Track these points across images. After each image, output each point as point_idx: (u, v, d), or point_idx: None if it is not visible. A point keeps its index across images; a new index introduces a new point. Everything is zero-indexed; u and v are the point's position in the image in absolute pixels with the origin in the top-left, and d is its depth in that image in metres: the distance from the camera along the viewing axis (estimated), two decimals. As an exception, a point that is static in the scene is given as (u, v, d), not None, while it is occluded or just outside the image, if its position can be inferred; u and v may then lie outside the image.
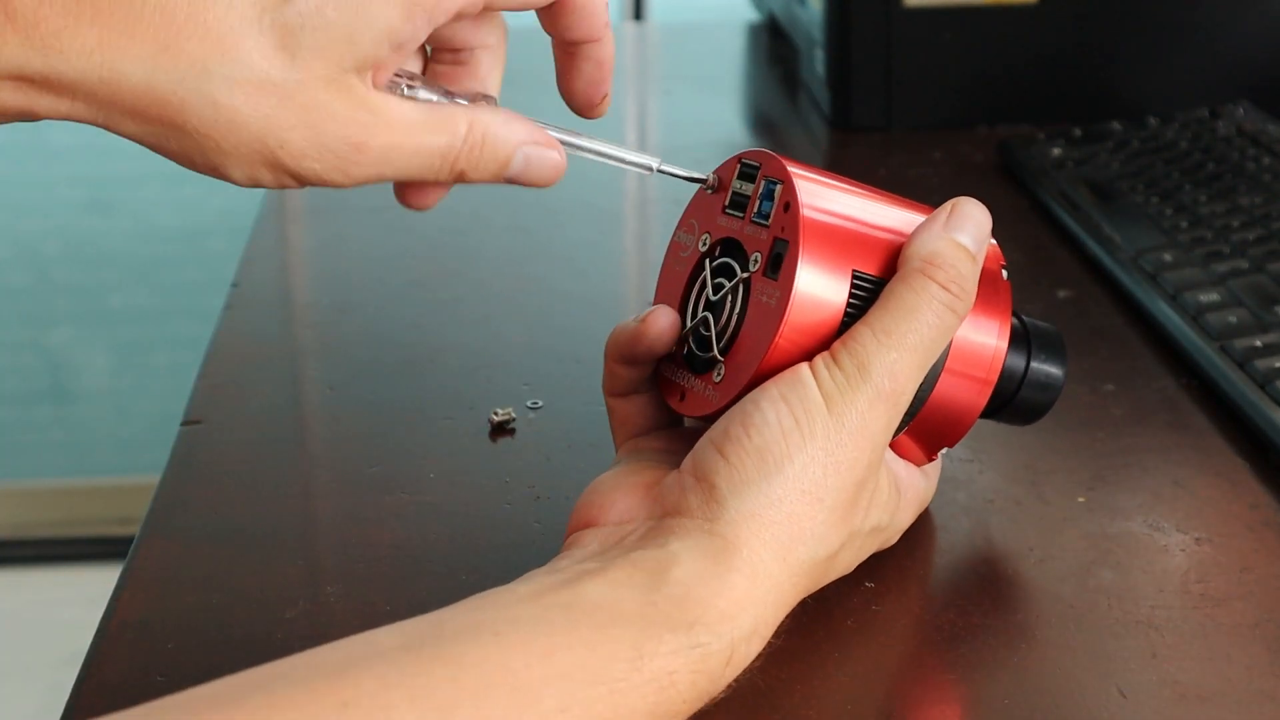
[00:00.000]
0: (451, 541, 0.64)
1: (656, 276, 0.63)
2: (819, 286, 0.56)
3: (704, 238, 0.60)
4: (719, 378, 0.57)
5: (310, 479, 0.69)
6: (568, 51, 0.58)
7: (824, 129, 1.17)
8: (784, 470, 0.52)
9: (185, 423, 0.73)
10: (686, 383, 0.59)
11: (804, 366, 0.54)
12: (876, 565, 0.60)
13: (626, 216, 1.04)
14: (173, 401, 0.96)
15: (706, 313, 0.59)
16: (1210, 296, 0.79)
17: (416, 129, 0.53)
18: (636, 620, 0.48)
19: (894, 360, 0.54)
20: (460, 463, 0.70)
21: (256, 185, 0.53)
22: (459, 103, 0.56)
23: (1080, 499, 0.66)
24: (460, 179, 0.55)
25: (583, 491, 0.57)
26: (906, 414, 0.58)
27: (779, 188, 0.57)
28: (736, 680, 0.51)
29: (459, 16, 0.53)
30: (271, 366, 0.79)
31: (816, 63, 1.18)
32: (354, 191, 0.71)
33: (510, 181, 0.56)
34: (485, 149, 0.54)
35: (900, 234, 0.58)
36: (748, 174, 0.59)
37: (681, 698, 0.48)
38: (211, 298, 0.95)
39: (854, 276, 0.56)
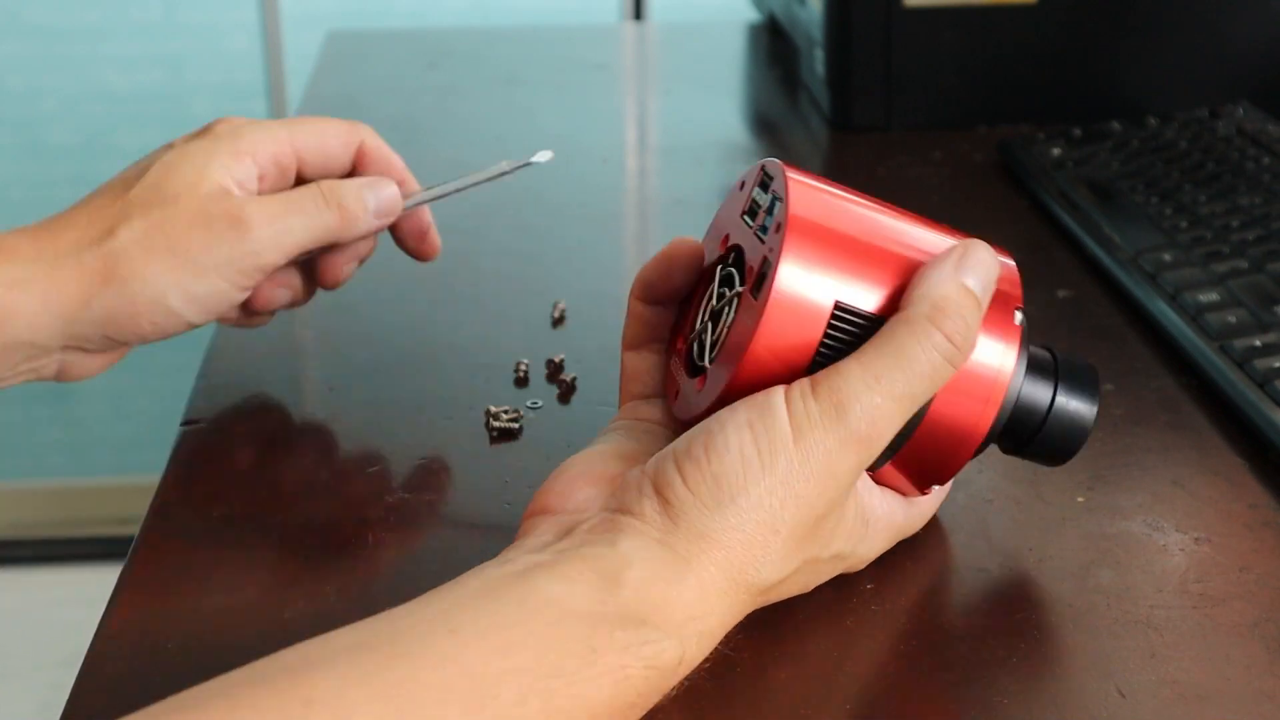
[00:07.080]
0: (451, 541, 0.64)
1: None
2: (793, 316, 0.54)
3: (725, 238, 0.59)
4: (702, 386, 0.57)
5: (310, 479, 0.69)
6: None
7: (824, 129, 1.17)
8: (738, 501, 0.51)
9: (185, 423, 0.73)
10: (683, 382, 0.59)
11: (778, 391, 0.53)
12: (876, 566, 0.60)
13: (626, 216, 1.04)
14: (173, 401, 0.95)
15: (709, 319, 0.59)
16: (1210, 296, 0.79)
17: (287, 198, 0.69)
18: (588, 617, 0.48)
19: (877, 405, 0.52)
20: (460, 463, 0.70)
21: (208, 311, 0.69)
22: None
23: (1079, 499, 0.66)
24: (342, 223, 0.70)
25: (549, 475, 0.57)
26: (887, 449, 0.56)
27: (779, 206, 0.55)
28: (687, 679, 0.52)
29: (275, 161, 0.70)
30: (271, 366, 0.79)
31: (816, 63, 1.18)
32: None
33: (389, 225, 0.73)
34: (339, 189, 0.70)
35: (913, 263, 0.55)
36: (766, 183, 0.57)
37: (636, 690, 0.49)
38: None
39: (836, 308, 0.54)
